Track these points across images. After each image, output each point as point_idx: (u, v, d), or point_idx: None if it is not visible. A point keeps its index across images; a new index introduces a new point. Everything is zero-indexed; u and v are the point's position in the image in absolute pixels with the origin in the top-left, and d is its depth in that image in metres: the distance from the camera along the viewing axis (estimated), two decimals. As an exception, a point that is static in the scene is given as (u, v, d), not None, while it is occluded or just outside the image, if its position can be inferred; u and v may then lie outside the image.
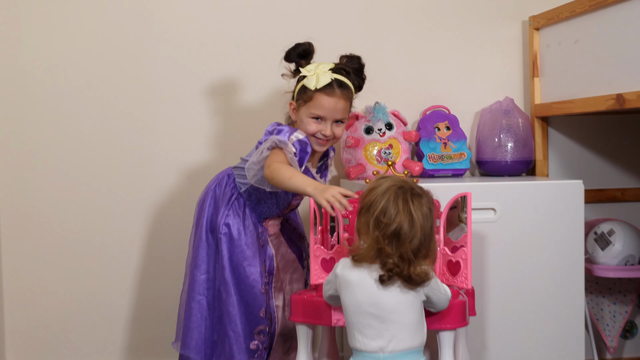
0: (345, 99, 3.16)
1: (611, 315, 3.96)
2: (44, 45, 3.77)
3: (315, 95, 3.11)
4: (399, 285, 2.69)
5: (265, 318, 3.23)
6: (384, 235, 2.68)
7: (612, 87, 3.24)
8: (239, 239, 3.23)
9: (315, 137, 3.17)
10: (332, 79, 3.12)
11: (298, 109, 3.19)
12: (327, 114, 3.13)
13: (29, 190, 3.79)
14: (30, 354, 3.83)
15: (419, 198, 2.73)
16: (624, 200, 4.05)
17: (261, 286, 3.22)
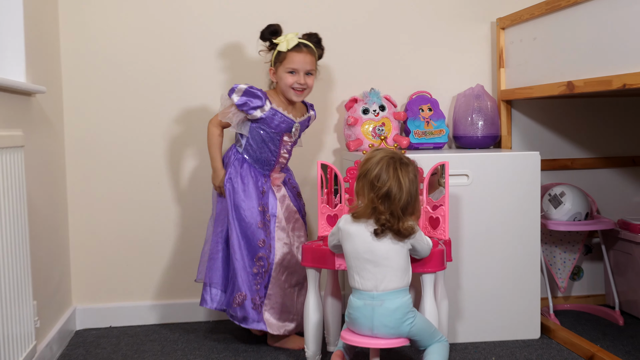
0: (311, 55, 3.39)
1: (562, 262, 3.98)
2: (111, 47, 3.78)
3: (288, 54, 3.34)
4: (390, 237, 2.74)
5: (264, 248, 3.35)
6: (378, 196, 2.74)
7: (564, 75, 3.26)
8: (238, 188, 3.38)
9: (293, 89, 3.37)
10: (299, 41, 3.37)
11: (276, 71, 3.40)
12: (299, 66, 3.34)
13: (93, 163, 3.82)
14: (91, 292, 3.85)
15: (406, 166, 2.79)
16: (573, 168, 4.04)
17: (258, 222, 3.35)
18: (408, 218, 2.76)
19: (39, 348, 3.02)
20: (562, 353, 3.30)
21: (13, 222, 2.48)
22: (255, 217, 3.36)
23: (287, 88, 3.35)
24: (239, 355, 3.33)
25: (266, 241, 3.36)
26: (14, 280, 2.47)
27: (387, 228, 2.73)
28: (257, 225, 3.36)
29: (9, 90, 2.77)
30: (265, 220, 3.38)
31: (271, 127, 3.36)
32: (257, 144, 3.40)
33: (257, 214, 3.36)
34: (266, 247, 3.36)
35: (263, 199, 3.40)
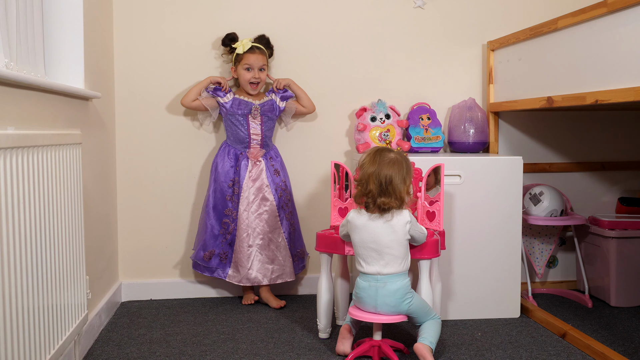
0: (262, 54, 3.70)
1: (540, 251, 3.97)
2: (157, 57, 3.81)
3: (244, 55, 3.67)
4: (391, 227, 2.75)
5: (230, 215, 3.62)
6: (361, 179, 2.78)
7: (544, 91, 3.25)
8: (219, 167, 3.68)
9: (250, 83, 3.68)
10: (252, 44, 3.67)
11: (236, 69, 3.71)
12: (254, 63, 3.66)
13: (139, 159, 3.83)
14: (135, 269, 3.87)
15: (386, 153, 2.82)
16: (551, 171, 4.03)
17: (226, 195, 3.64)
18: (388, 199, 2.75)
19: (90, 316, 3.04)
20: (538, 330, 3.29)
21: (71, 209, 2.49)
22: (226, 191, 3.64)
23: (246, 83, 3.69)
24: (260, 327, 3.34)
25: (232, 210, 3.61)
26: (70, 258, 2.49)
27: (370, 203, 2.78)
28: (226, 197, 3.64)
29: (70, 95, 2.79)
30: (234, 193, 3.62)
31: (236, 112, 3.67)
32: (231, 129, 3.70)
33: (227, 189, 3.64)
34: (231, 215, 3.62)
35: (235, 174, 3.64)
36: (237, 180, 3.63)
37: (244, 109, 3.66)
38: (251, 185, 3.63)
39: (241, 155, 3.66)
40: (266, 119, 3.69)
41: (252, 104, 3.67)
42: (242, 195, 3.61)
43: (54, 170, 2.30)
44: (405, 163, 2.81)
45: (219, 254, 3.64)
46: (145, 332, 3.26)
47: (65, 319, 2.44)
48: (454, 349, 3.02)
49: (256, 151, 3.68)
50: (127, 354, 2.95)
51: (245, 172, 3.64)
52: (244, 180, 3.62)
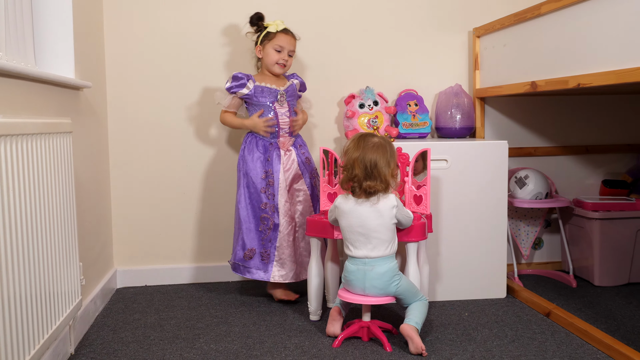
0: (294, 39, 3.50)
1: (525, 233, 3.98)
2: (148, 47, 3.78)
3: (278, 34, 3.44)
4: (377, 211, 2.74)
5: (266, 209, 3.38)
6: (346, 165, 2.79)
7: (528, 76, 3.25)
8: (248, 161, 3.44)
9: (277, 64, 3.45)
10: (285, 27, 3.48)
11: (264, 48, 3.47)
12: (286, 45, 3.45)
13: (132, 147, 3.82)
14: (129, 256, 3.86)
15: (370, 138, 2.82)
16: (536, 155, 4.02)
17: (261, 188, 3.40)
18: (373, 182, 2.76)
19: (85, 302, 3.04)
20: (524, 310, 3.30)
21: (62, 196, 2.48)
22: (259, 184, 3.40)
23: (273, 63, 3.46)
24: (252, 310, 3.34)
25: (268, 203, 3.39)
26: (63, 245, 2.48)
27: (357, 187, 2.78)
28: (259, 190, 3.40)
29: (61, 84, 2.76)
30: (269, 185, 3.41)
31: (260, 100, 3.43)
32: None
33: (260, 181, 3.40)
34: (269, 208, 3.39)
35: (267, 166, 3.42)
36: (271, 172, 3.41)
37: (268, 96, 3.44)
38: (286, 176, 3.44)
39: (271, 146, 3.44)
40: (292, 104, 3.52)
41: (277, 90, 3.45)
42: (279, 187, 3.42)
43: (45, 159, 2.29)
44: (389, 147, 2.81)
45: (260, 252, 3.38)
46: (140, 317, 3.25)
47: (59, 304, 2.43)
48: (441, 329, 3.02)
49: (286, 140, 3.49)
50: (122, 338, 2.94)
51: (278, 164, 3.42)
52: (279, 172, 3.42)
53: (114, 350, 2.80)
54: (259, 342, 2.87)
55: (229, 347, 2.82)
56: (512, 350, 2.76)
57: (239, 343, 2.87)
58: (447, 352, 2.75)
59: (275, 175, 3.42)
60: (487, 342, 2.85)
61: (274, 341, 2.88)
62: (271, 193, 3.40)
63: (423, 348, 2.70)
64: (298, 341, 2.88)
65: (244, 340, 2.89)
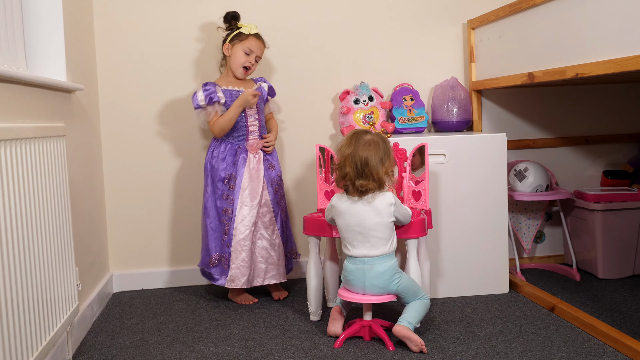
0: (264, 45, 3.56)
1: (527, 227, 3.99)
2: (140, 48, 3.79)
3: (249, 37, 3.48)
4: (374, 209, 2.76)
5: (226, 215, 3.46)
6: (339, 163, 2.81)
7: (525, 67, 3.26)
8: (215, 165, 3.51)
9: (243, 67, 3.49)
10: (258, 32, 3.53)
11: (232, 47, 3.50)
12: (255, 49, 3.49)
13: (126, 150, 3.83)
14: (125, 260, 3.87)
15: (363, 135, 2.82)
16: (535, 147, 4.04)
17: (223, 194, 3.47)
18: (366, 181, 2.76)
19: (82, 308, 3.05)
20: (527, 305, 3.32)
21: (56, 200, 2.49)
22: (221, 189, 3.46)
23: (239, 65, 3.49)
24: (252, 312, 3.35)
25: (229, 208, 3.45)
26: (58, 250, 2.50)
27: (349, 186, 2.79)
28: (222, 197, 3.47)
29: (52, 88, 2.77)
30: (229, 189, 3.46)
31: (229, 105, 3.45)
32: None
33: (222, 185, 3.46)
34: (227, 214, 3.45)
35: (232, 169, 3.47)
36: (234, 176, 3.47)
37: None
38: (249, 180, 3.47)
39: (239, 149, 3.49)
40: (260, 107, 3.56)
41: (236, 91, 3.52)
42: (240, 191, 3.45)
43: (39, 163, 2.30)
44: (383, 144, 2.80)
45: (220, 258, 3.46)
46: (137, 321, 3.26)
47: (56, 310, 2.45)
48: (444, 326, 3.04)
49: (256, 143, 3.52)
50: (120, 343, 2.96)
51: (243, 167, 3.46)
52: (242, 176, 3.46)
53: (112, 356, 2.81)
54: (259, 344, 2.89)
55: (228, 350, 2.84)
56: (517, 346, 2.78)
57: (239, 345, 2.88)
58: (451, 349, 2.76)
59: (237, 180, 3.46)
60: (492, 339, 2.87)
61: (274, 343, 2.90)
62: (231, 198, 3.46)
63: (422, 343, 2.71)
64: (299, 342, 2.90)
65: (244, 343, 2.91)
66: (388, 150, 2.82)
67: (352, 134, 2.84)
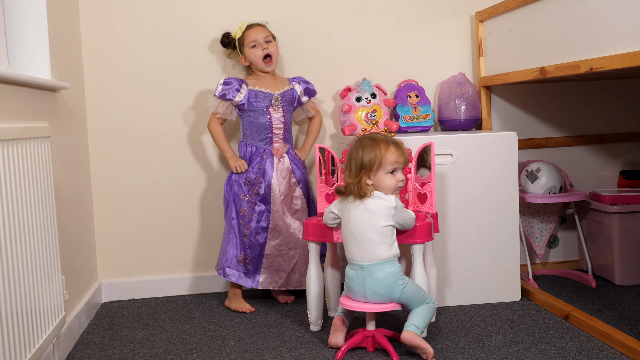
0: (262, 27, 3.65)
1: (539, 231, 3.99)
2: (128, 45, 3.79)
3: (245, 34, 3.61)
4: (369, 212, 2.79)
5: (245, 216, 3.53)
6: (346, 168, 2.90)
7: (537, 62, 3.26)
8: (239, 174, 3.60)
9: (263, 59, 3.60)
10: (247, 23, 3.65)
11: (244, 54, 3.64)
12: (257, 36, 3.59)
13: (114, 151, 3.83)
14: (115, 268, 3.88)
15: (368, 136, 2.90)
16: (548, 146, 4.04)
17: (240, 194, 3.55)
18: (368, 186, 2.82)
19: (69, 318, 3.05)
20: (540, 313, 3.32)
21: (41, 205, 2.49)
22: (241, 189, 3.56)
23: (259, 60, 3.60)
24: (249, 322, 3.35)
25: (247, 211, 3.53)
26: (44, 258, 2.50)
27: (350, 190, 2.84)
28: (241, 198, 3.55)
29: (36, 86, 2.78)
30: (253, 193, 3.53)
31: (254, 105, 3.53)
32: (250, 125, 3.58)
33: (242, 186, 3.56)
34: (247, 216, 3.53)
35: (258, 173, 3.54)
36: (260, 180, 3.53)
37: (262, 101, 3.56)
38: (280, 183, 3.55)
39: (265, 153, 3.57)
40: (287, 110, 3.62)
41: (271, 95, 3.57)
42: (272, 196, 3.52)
43: (22, 166, 2.30)
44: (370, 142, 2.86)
45: (244, 259, 3.55)
46: (127, 332, 3.27)
47: (41, 321, 2.45)
48: (452, 336, 3.04)
49: (280, 146, 3.58)
50: (109, 356, 2.96)
51: (272, 171, 3.54)
52: (273, 179, 3.53)
53: (101, 370, 2.82)
54: (256, 356, 2.89)
55: (224, 362, 2.85)
56: (529, 356, 2.78)
57: (235, 358, 2.88)
58: (459, 360, 2.77)
59: (266, 183, 3.53)
60: (502, 349, 2.87)
61: (272, 354, 2.90)
62: (253, 202, 3.53)
63: (432, 353, 2.72)
64: (298, 354, 2.90)
65: (240, 355, 2.91)
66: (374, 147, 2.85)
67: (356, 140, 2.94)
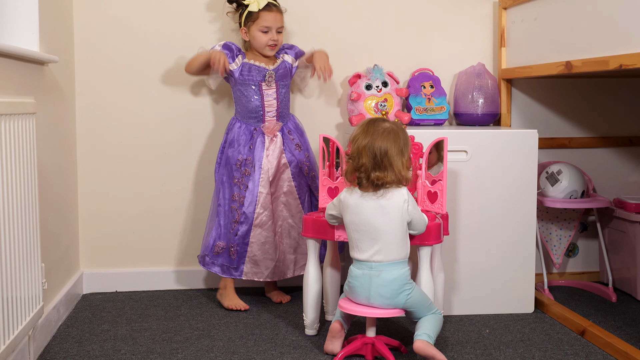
0: (280, 13, 3.62)
1: (558, 238, 4.00)
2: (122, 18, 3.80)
3: (261, 14, 3.55)
4: (384, 207, 2.77)
5: (237, 201, 3.53)
6: (353, 153, 2.83)
7: (563, 55, 3.26)
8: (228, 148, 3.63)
9: (268, 46, 3.59)
10: (269, 1, 3.57)
11: (249, 30, 3.61)
12: (272, 24, 3.56)
13: (103, 132, 3.85)
14: (98, 257, 3.90)
15: (380, 122, 2.86)
16: (571, 147, 4.05)
17: (235, 178, 3.57)
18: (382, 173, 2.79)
19: (47, 309, 3.07)
20: (554, 327, 3.33)
21: (23, 187, 2.51)
22: (235, 173, 3.56)
23: (263, 46, 3.60)
24: (239, 322, 3.37)
25: (240, 195, 3.54)
26: (22, 243, 2.51)
27: (364, 179, 2.80)
28: (233, 182, 3.56)
29: (23, 59, 2.80)
30: (243, 175, 3.55)
31: (246, 79, 3.57)
32: (241, 100, 3.63)
33: (234, 169, 3.57)
34: (238, 201, 3.53)
35: (248, 154, 3.56)
36: (251, 161, 3.55)
37: (255, 76, 3.59)
38: (269, 165, 3.57)
39: (255, 132, 3.60)
40: (282, 85, 3.64)
41: (265, 70, 3.60)
42: (261, 177, 3.55)
43: (3, 144, 2.32)
44: (402, 133, 2.84)
45: (228, 247, 3.55)
46: (109, 327, 3.29)
47: (18, 311, 2.47)
48: (458, 348, 3.06)
49: (272, 125, 3.61)
50: (89, 351, 2.98)
51: (262, 151, 3.57)
52: (262, 160, 3.56)
53: (79, 366, 2.84)
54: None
55: (212, 364, 2.87)
56: (538, 372, 2.80)
57: None
58: (464, 373, 2.79)
59: (256, 164, 3.55)
60: (510, 363, 2.90)
61: (263, 358, 2.92)
62: (244, 184, 3.54)
63: None
64: (291, 359, 2.92)
65: (229, 357, 2.93)
66: (407, 141, 2.86)
67: (367, 122, 2.87)
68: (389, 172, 2.78)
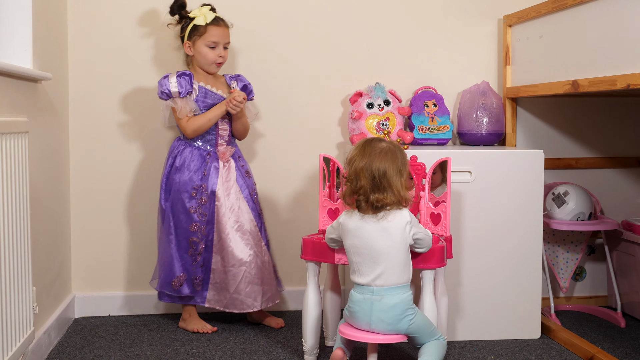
0: (227, 28, 3.56)
1: (565, 261, 4.00)
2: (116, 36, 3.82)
3: (208, 28, 3.48)
4: (386, 230, 2.77)
5: (197, 232, 3.49)
6: (350, 175, 2.82)
7: (569, 74, 3.28)
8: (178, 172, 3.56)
9: (215, 63, 3.54)
10: (216, 15, 3.51)
11: (194, 45, 3.53)
12: (220, 39, 3.51)
13: (97, 151, 3.85)
14: (91, 280, 3.90)
15: (377, 143, 2.85)
16: (578, 167, 4.06)
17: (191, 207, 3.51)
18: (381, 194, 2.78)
19: (37, 334, 3.06)
20: (561, 353, 3.33)
21: (14, 208, 2.52)
22: (188, 202, 3.51)
23: (210, 63, 3.54)
24: (236, 347, 3.37)
25: (199, 224, 3.50)
26: (13, 266, 2.51)
27: (363, 201, 2.80)
28: (188, 211, 3.51)
29: (16, 76, 2.81)
30: (200, 204, 3.51)
31: (202, 105, 3.52)
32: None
33: (189, 199, 3.52)
34: (199, 231, 3.50)
35: (202, 181, 3.52)
36: (205, 188, 3.51)
37: (211, 102, 3.54)
38: (226, 191, 3.54)
39: (208, 157, 3.56)
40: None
41: (221, 97, 3.56)
42: (217, 205, 3.50)
43: (-4, 163, 2.33)
44: (399, 153, 2.84)
45: (191, 279, 3.52)
46: (101, 353, 3.29)
47: (7, 336, 2.46)
48: (461, 374, 3.06)
49: (226, 149, 3.59)
50: (81, 378, 2.99)
51: (216, 177, 3.54)
52: (217, 187, 3.52)
53: (71, 393, 2.84)
54: (244, 386, 2.91)
55: (208, 391, 2.87)
56: (545, 400, 2.80)
57: (221, 386, 2.91)
58: (468, 400, 2.79)
59: (208, 191, 3.52)
60: (516, 390, 2.90)
61: (261, 385, 2.92)
62: (202, 213, 3.51)
63: None
64: (290, 385, 2.92)
65: (226, 383, 2.93)
66: (405, 160, 2.86)
67: (363, 143, 2.87)
68: (389, 194, 2.78)
